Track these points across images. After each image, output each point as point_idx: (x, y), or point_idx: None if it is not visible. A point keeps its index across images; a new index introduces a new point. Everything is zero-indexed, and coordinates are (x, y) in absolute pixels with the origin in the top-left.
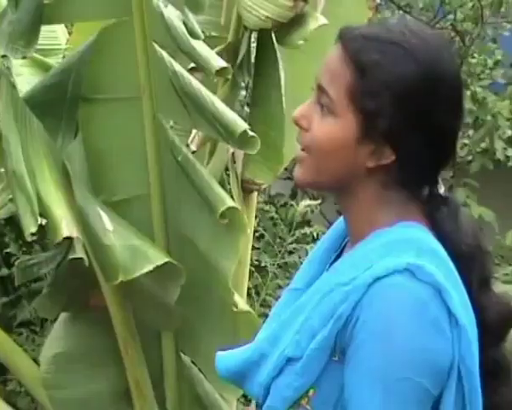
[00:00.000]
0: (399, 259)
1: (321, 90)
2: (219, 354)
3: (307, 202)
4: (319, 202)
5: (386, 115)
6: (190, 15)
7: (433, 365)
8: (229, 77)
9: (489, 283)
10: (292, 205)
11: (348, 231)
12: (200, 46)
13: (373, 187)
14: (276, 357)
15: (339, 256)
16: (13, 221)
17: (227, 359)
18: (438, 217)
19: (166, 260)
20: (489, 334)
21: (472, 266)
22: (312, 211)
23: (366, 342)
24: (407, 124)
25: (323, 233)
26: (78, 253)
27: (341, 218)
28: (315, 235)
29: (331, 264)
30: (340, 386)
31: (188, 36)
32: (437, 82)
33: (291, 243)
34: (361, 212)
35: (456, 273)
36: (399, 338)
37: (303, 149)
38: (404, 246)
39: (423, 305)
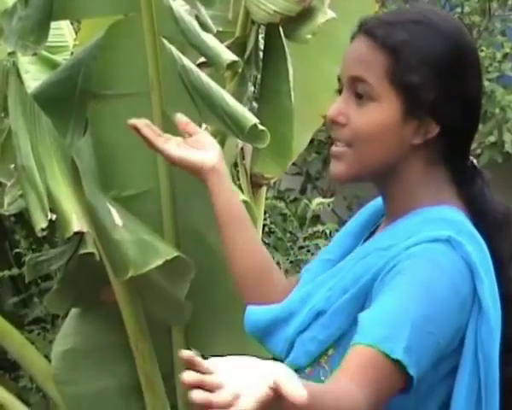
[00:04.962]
0: (441, 231)
1: (356, 80)
2: (250, 308)
3: (320, 199)
4: (332, 200)
5: (428, 87)
6: (202, 9)
7: (452, 329)
8: (239, 71)
9: None
10: (304, 201)
11: (386, 210)
12: (210, 40)
13: (417, 165)
14: (306, 312)
15: (371, 235)
16: (23, 218)
17: (257, 314)
18: (473, 189)
19: (176, 254)
20: None
21: (505, 236)
22: (323, 207)
23: (410, 266)
24: (446, 94)
25: (336, 230)
26: (89, 247)
27: (379, 198)
28: (327, 232)
29: (365, 240)
30: None
31: (197, 29)
32: (463, 52)
33: (304, 240)
34: (402, 192)
35: (490, 261)
36: (439, 286)
37: (342, 145)
38: (445, 224)
39: (461, 276)
